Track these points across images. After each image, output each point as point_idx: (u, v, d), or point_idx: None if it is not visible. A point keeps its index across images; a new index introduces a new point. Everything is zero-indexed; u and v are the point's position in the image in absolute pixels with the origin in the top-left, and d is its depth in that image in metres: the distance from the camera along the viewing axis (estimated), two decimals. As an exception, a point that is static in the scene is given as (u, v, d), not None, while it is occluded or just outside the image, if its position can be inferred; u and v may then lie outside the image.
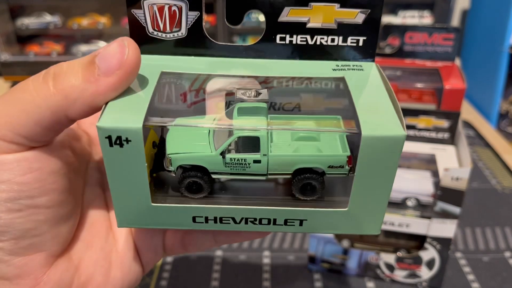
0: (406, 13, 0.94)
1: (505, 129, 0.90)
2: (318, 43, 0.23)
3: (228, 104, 0.24)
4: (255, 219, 0.22)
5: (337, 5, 0.22)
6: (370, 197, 0.21)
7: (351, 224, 0.22)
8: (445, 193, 0.40)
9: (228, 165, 0.22)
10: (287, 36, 0.23)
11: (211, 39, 0.23)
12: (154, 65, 0.23)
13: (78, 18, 0.95)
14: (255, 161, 0.22)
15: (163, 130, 0.25)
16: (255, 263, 0.49)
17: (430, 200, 0.42)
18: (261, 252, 0.50)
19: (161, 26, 0.23)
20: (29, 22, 0.94)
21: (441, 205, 0.41)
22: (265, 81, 0.23)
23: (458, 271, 0.48)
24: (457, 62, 0.47)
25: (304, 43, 0.23)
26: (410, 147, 0.44)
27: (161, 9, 0.23)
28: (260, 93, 0.23)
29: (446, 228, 0.41)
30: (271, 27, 0.23)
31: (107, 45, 0.21)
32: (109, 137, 0.20)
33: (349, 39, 0.23)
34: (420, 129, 0.44)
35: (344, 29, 0.23)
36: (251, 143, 0.22)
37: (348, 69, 0.23)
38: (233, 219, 0.22)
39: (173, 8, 0.23)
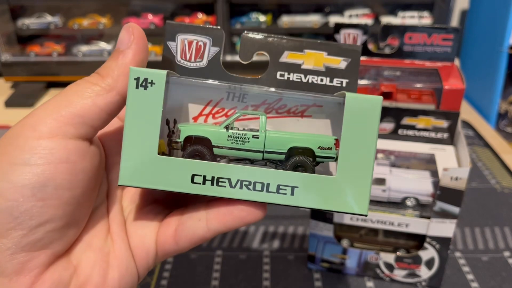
0: (405, 13, 0.94)
1: (504, 129, 0.91)
2: (310, 81, 0.28)
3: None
4: (250, 183, 0.24)
5: (325, 53, 0.28)
6: (356, 164, 0.24)
7: (339, 198, 0.24)
8: (444, 193, 0.40)
9: (230, 138, 0.26)
10: (286, 74, 0.28)
11: (225, 70, 0.28)
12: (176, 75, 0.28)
13: (78, 19, 0.95)
14: (254, 137, 0.26)
15: (175, 123, 0.28)
16: (255, 263, 0.49)
17: (429, 200, 0.42)
18: (261, 252, 0.50)
19: (188, 56, 0.28)
20: (29, 22, 0.94)
21: (440, 205, 0.41)
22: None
23: (457, 271, 0.48)
24: (457, 62, 0.47)
25: (299, 80, 0.28)
26: (409, 147, 0.44)
27: (190, 43, 0.28)
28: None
29: (445, 228, 0.42)
30: (274, 65, 0.28)
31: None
32: (138, 79, 0.24)
33: (335, 80, 0.28)
34: (419, 129, 0.44)
35: (330, 72, 0.28)
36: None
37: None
38: (229, 180, 0.24)
39: (200, 43, 0.28)
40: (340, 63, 0.27)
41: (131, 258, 0.27)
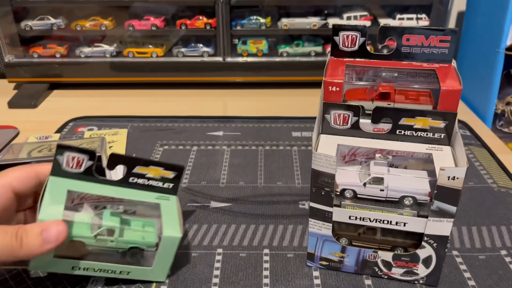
0: (403, 15, 0.95)
1: (501, 129, 0.91)
2: (147, 183, 0.44)
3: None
4: (105, 270, 0.44)
5: (162, 168, 0.44)
6: (162, 263, 0.45)
7: (152, 276, 0.46)
8: (441, 192, 0.41)
9: (97, 241, 0.43)
10: (135, 179, 0.44)
11: (97, 175, 0.43)
12: (63, 184, 0.42)
13: (81, 21, 0.95)
14: (112, 241, 0.43)
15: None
16: (255, 261, 0.50)
17: (427, 199, 0.43)
18: (261, 250, 0.51)
19: (72, 165, 0.42)
20: (32, 24, 0.95)
21: (437, 204, 0.41)
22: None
23: (454, 269, 0.48)
24: (454, 63, 0.48)
25: (142, 183, 0.44)
26: (407, 147, 0.45)
27: (73, 158, 0.41)
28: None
29: (442, 227, 0.42)
30: (128, 173, 0.43)
31: (52, 225, 0.39)
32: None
33: (166, 184, 0.45)
34: (416, 130, 0.44)
35: (163, 179, 0.45)
36: (111, 232, 0.43)
37: (162, 198, 0.45)
38: (94, 269, 0.43)
39: (80, 158, 0.42)
40: (171, 174, 0.45)
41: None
